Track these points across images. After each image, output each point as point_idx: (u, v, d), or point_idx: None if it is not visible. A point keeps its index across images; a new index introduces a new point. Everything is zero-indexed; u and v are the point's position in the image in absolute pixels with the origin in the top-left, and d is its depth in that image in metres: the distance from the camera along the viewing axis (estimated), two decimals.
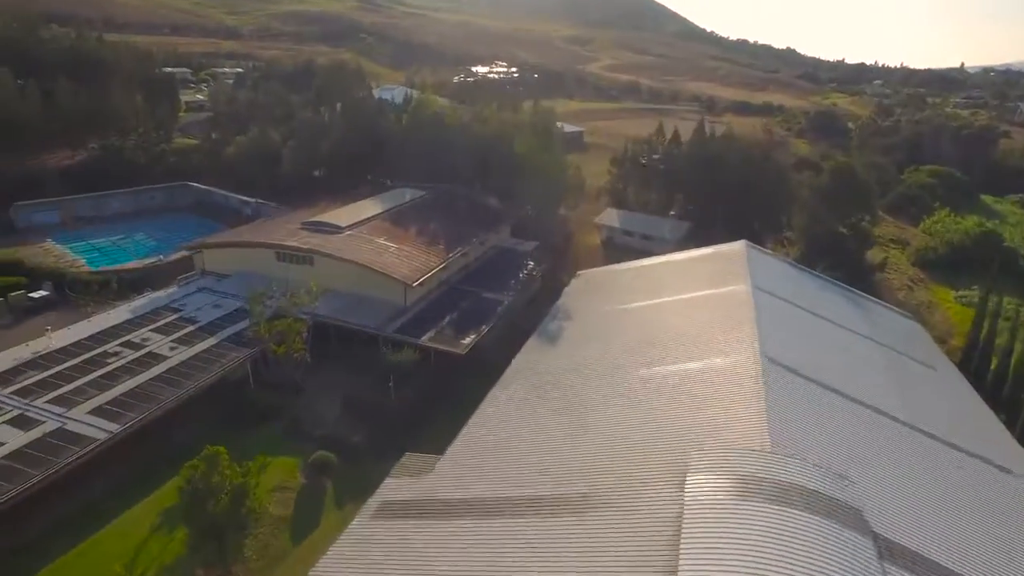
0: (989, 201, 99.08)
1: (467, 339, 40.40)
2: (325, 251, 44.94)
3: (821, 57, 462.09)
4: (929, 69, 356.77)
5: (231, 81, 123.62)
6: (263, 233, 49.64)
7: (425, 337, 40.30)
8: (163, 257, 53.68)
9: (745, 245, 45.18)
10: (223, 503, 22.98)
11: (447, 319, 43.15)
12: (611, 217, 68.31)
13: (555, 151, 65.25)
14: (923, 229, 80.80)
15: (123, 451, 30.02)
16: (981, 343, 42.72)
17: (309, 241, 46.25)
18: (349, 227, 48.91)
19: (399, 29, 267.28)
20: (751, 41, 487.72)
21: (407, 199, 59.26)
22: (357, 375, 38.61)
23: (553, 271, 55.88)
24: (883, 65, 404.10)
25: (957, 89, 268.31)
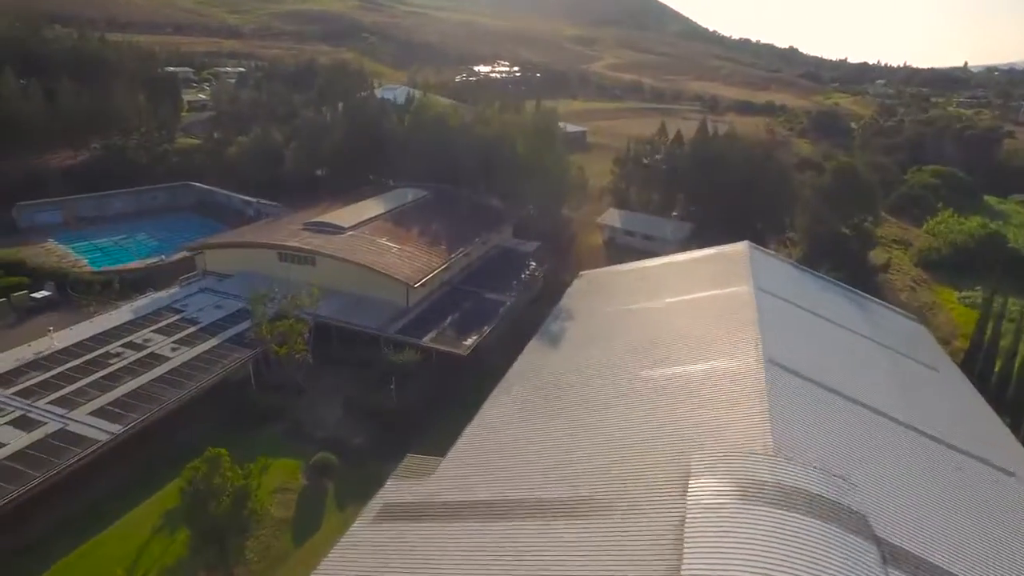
0: (993, 202, 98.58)
1: (469, 340, 40.38)
2: (327, 252, 44.94)
3: (823, 56, 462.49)
4: (932, 68, 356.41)
5: (233, 81, 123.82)
6: (265, 233, 49.64)
7: (427, 338, 40.27)
8: (165, 257, 53.75)
9: (748, 246, 45.04)
10: (224, 505, 22.96)
11: (449, 320, 43.12)
12: (613, 217, 68.21)
13: (557, 151, 65.14)
14: (926, 230, 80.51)
15: (125, 452, 30.02)
16: (985, 345, 42.53)
17: (311, 242, 46.23)
18: (351, 228, 48.88)
19: (401, 28, 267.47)
20: (753, 40, 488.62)
21: (409, 199, 59.20)
22: (359, 376, 38.61)
23: (555, 271, 55.73)
24: (886, 64, 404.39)
25: (960, 88, 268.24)
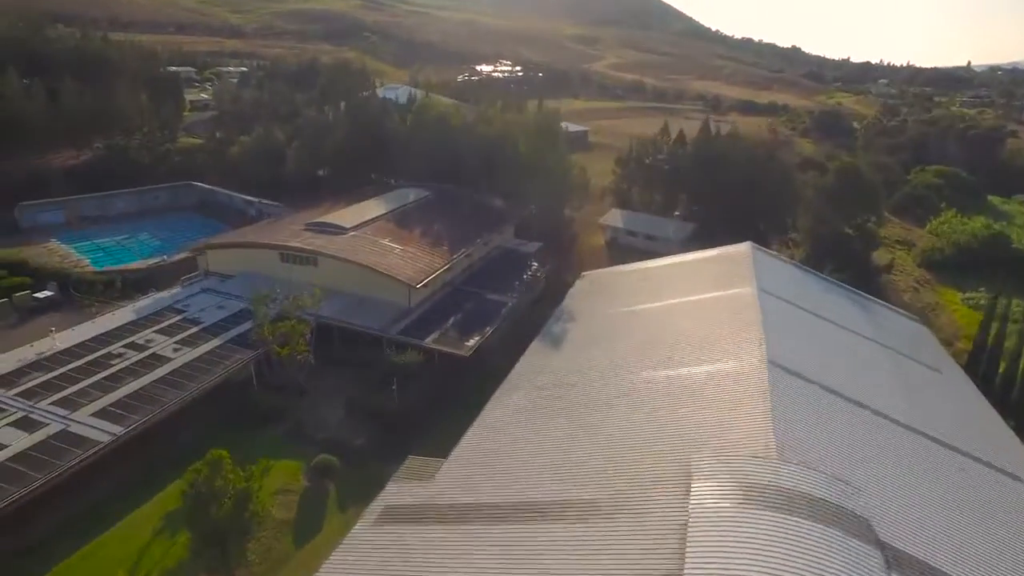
0: (996, 202, 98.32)
1: (471, 341, 40.33)
2: (329, 252, 44.90)
3: (826, 56, 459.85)
4: (935, 68, 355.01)
5: (235, 80, 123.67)
6: (267, 234, 49.62)
7: (429, 339, 40.22)
8: (167, 257, 53.74)
9: (750, 247, 44.94)
10: (226, 507, 22.91)
11: (451, 321, 43.08)
12: (615, 217, 68.10)
13: (559, 151, 65.07)
14: (929, 230, 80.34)
15: (126, 453, 30.04)
16: (989, 347, 42.34)
17: (313, 242, 46.19)
18: (353, 228, 48.84)
19: (402, 27, 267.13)
20: (756, 40, 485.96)
21: (411, 199, 59.14)
22: (360, 377, 38.56)
23: (557, 272, 55.69)
24: (888, 64, 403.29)
25: (964, 88, 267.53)
